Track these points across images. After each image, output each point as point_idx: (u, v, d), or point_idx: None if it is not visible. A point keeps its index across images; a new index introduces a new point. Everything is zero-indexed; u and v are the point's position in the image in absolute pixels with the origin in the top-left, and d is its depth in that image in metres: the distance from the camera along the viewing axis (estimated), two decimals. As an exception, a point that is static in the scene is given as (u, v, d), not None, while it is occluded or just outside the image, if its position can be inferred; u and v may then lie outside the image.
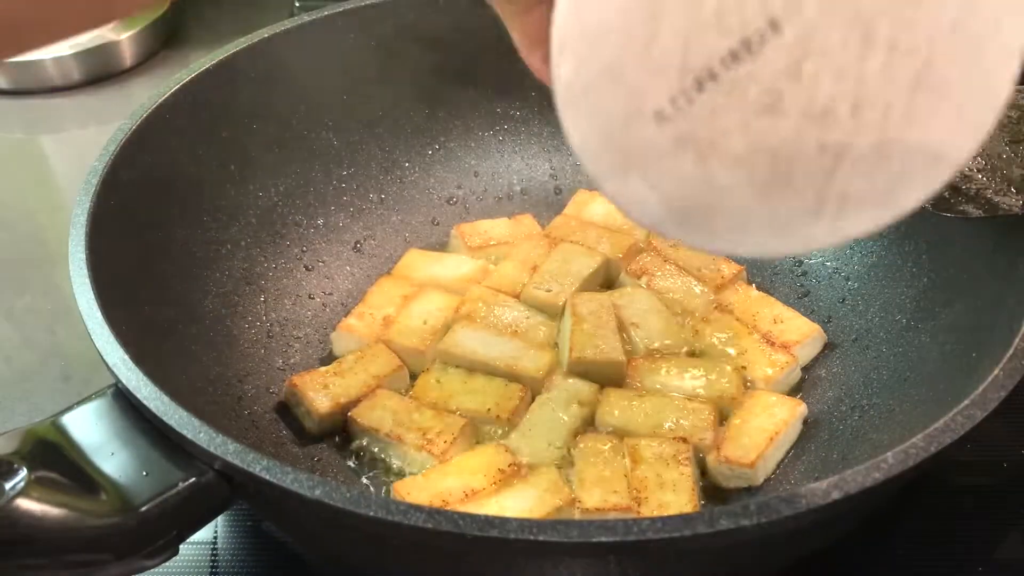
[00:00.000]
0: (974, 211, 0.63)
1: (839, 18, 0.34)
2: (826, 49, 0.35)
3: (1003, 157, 0.67)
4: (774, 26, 0.34)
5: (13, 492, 0.49)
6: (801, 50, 0.35)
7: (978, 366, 0.59)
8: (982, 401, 0.53)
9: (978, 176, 0.65)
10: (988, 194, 0.64)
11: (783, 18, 0.34)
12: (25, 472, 0.50)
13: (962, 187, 0.64)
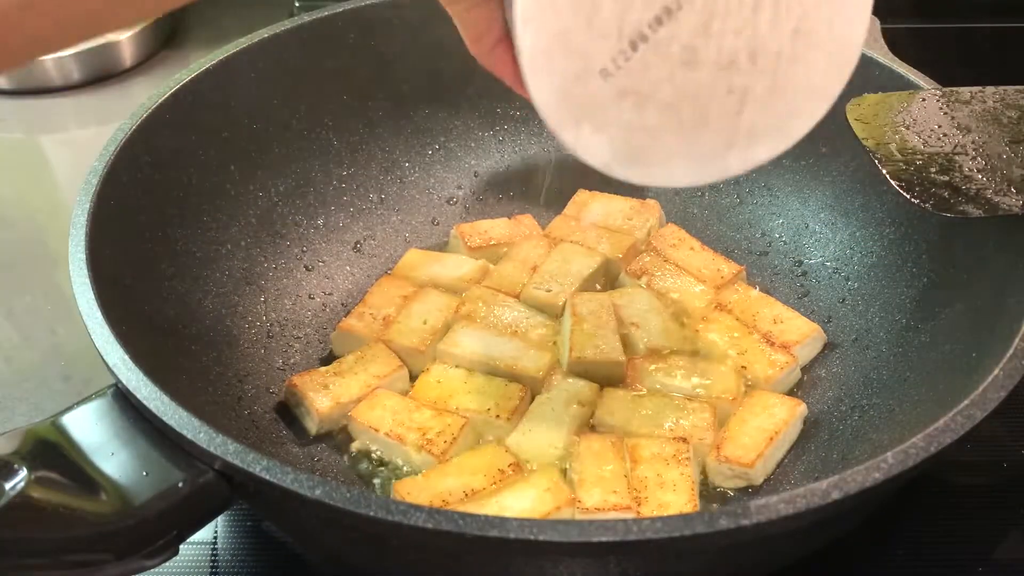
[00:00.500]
0: (974, 211, 0.63)
1: None
2: (728, 9, 0.44)
3: (1003, 157, 0.67)
4: None
5: (13, 492, 0.49)
6: (708, 12, 0.44)
7: (978, 366, 0.59)
8: (982, 401, 0.53)
9: (978, 176, 0.65)
10: (988, 194, 0.64)
11: None
12: (25, 472, 0.50)
13: (962, 187, 0.65)
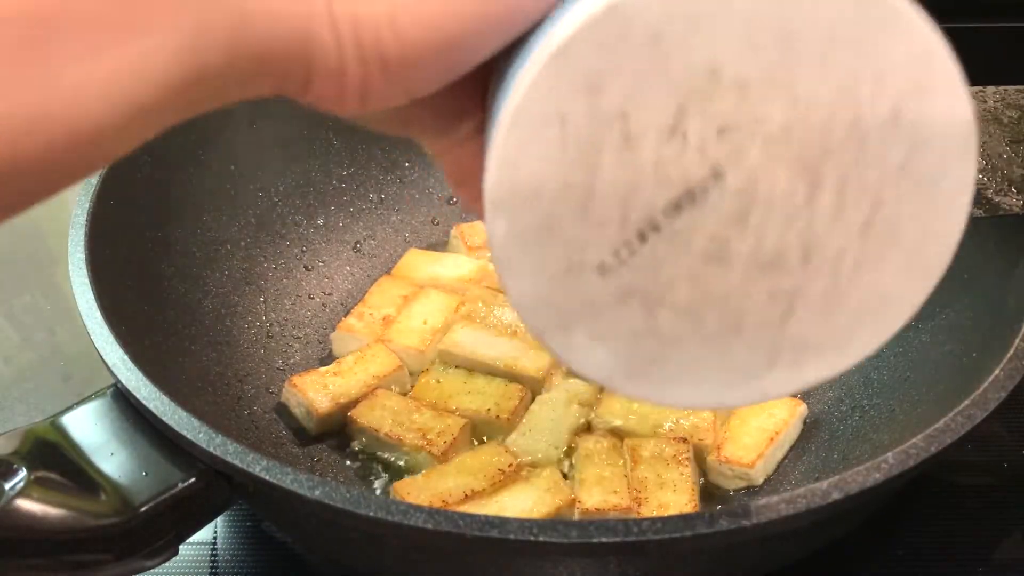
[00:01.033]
0: (975, 211, 0.63)
1: (784, 164, 0.33)
2: (772, 196, 0.34)
3: (1004, 157, 0.67)
4: (717, 175, 0.33)
5: (13, 492, 0.49)
6: (747, 198, 0.34)
7: (978, 366, 0.59)
8: (982, 401, 0.53)
9: (979, 176, 0.65)
10: (988, 194, 0.64)
11: (726, 166, 0.33)
12: (25, 472, 0.50)
13: (962, 187, 0.64)
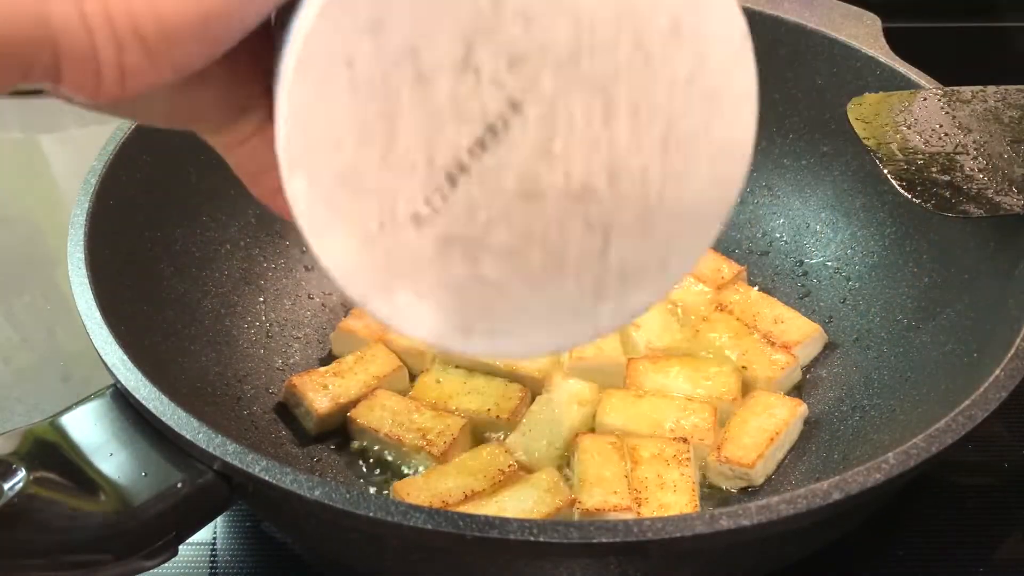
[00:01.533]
0: (975, 211, 0.63)
1: (578, 89, 0.33)
2: (572, 123, 0.33)
3: (1004, 157, 0.67)
4: (515, 107, 0.33)
5: (12, 492, 0.49)
6: (548, 127, 0.33)
7: (979, 366, 0.59)
8: (983, 401, 0.53)
9: (979, 176, 0.65)
10: (989, 194, 0.64)
11: (521, 97, 0.33)
12: (24, 472, 0.50)
13: (963, 187, 0.64)
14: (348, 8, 0.31)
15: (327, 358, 0.76)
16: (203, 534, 0.63)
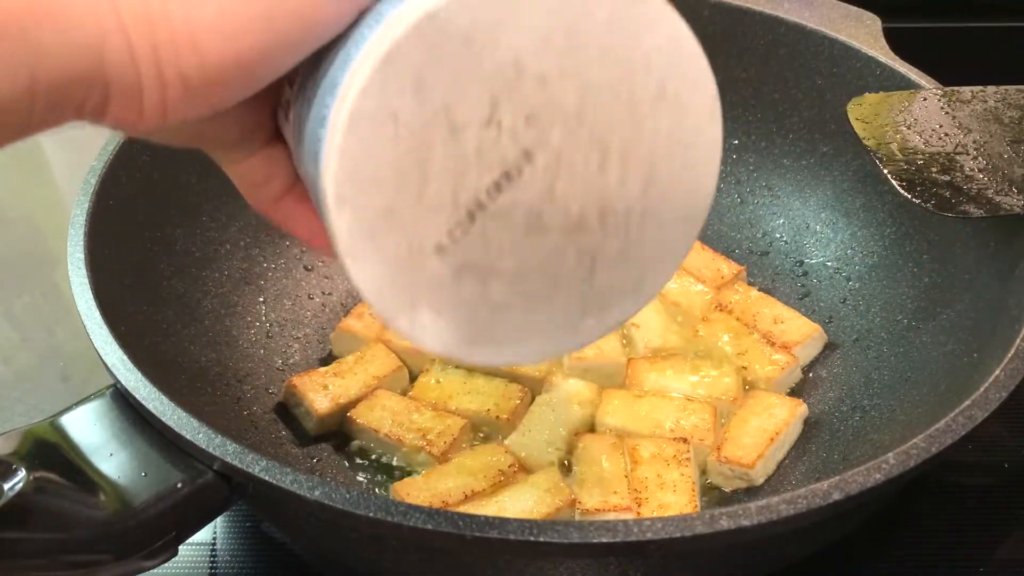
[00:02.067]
0: (975, 211, 0.63)
1: (580, 141, 0.39)
2: (573, 169, 0.39)
3: (1004, 157, 0.67)
4: (528, 155, 0.39)
5: (12, 493, 0.49)
6: (552, 173, 0.39)
7: (979, 366, 0.59)
8: (983, 401, 0.53)
9: (979, 176, 0.65)
10: (989, 194, 0.64)
11: (534, 148, 0.39)
12: (24, 473, 0.50)
13: (963, 187, 0.64)
14: (398, 68, 0.36)
15: (327, 358, 0.76)
16: (203, 534, 0.63)
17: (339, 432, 0.71)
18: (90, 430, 0.54)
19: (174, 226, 0.74)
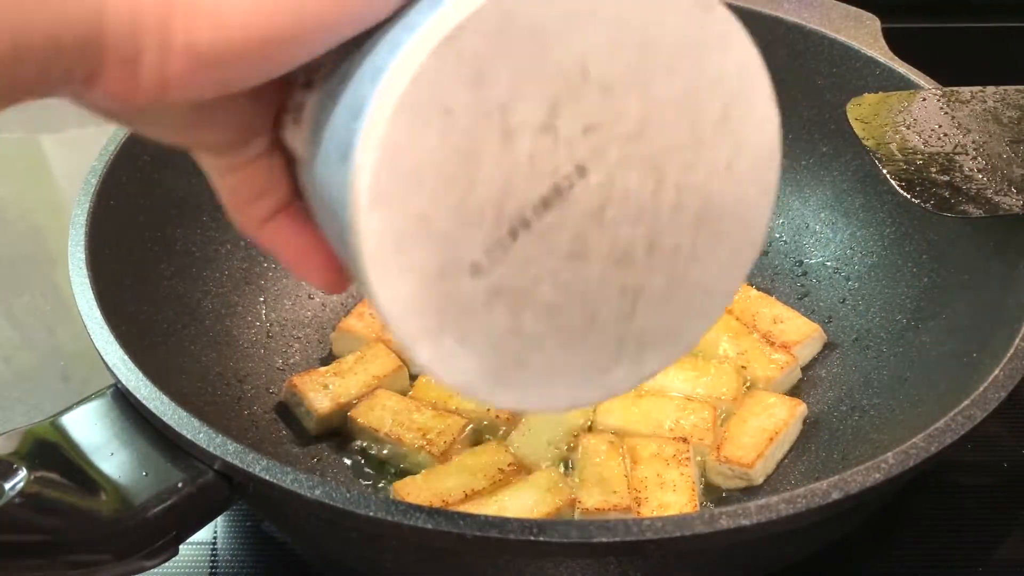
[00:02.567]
0: (975, 211, 0.63)
1: (636, 161, 0.36)
2: (626, 193, 0.36)
3: (1003, 157, 0.67)
4: (581, 171, 0.35)
5: (12, 492, 0.49)
6: (604, 194, 0.36)
7: (979, 366, 0.59)
8: (983, 401, 0.53)
9: (979, 176, 0.65)
10: (989, 194, 0.64)
11: (588, 163, 0.35)
12: (24, 472, 0.50)
13: (963, 187, 0.64)
14: (458, 55, 0.32)
15: (327, 358, 0.76)
16: (203, 534, 0.63)
17: (339, 432, 0.71)
18: (91, 430, 0.54)
19: (174, 226, 0.74)
